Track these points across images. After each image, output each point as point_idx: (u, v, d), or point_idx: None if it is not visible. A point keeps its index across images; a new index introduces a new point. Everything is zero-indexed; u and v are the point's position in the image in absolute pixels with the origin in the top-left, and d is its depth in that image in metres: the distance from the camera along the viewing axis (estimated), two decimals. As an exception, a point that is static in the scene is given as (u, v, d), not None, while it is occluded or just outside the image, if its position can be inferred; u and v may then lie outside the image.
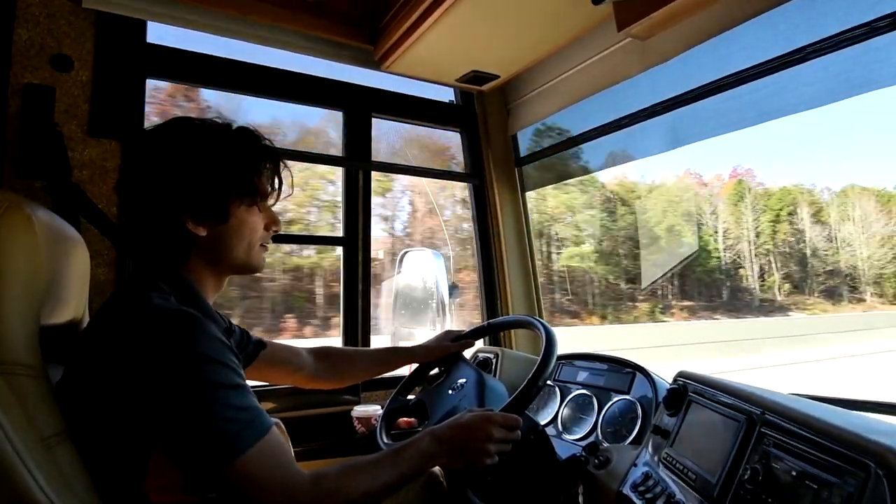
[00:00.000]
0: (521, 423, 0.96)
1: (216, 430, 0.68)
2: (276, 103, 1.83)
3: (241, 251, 0.89)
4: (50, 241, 0.78)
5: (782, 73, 1.34)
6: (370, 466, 0.82)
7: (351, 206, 1.89)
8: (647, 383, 1.28)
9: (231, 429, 0.69)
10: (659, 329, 22.15)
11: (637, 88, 1.68)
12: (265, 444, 0.72)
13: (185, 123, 0.86)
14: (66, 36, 1.40)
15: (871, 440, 0.61)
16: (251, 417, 0.72)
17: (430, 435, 0.89)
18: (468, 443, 0.89)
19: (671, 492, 0.88)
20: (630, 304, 25.22)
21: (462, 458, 0.89)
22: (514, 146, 2.17)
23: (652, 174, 32.77)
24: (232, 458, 0.68)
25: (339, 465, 0.80)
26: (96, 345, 0.73)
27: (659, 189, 28.62)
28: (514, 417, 0.95)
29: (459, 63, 1.80)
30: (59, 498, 0.61)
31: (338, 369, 1.27)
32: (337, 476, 0.78)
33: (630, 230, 23.43)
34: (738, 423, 0.82)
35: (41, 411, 0.68)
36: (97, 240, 1.37)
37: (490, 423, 0.91)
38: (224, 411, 0.69)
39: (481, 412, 0.95)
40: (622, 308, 25.02)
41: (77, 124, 1.41)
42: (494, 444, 0.90)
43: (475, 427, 0.90)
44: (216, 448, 0.68)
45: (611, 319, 24.01)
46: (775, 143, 33.12)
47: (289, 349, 1.23)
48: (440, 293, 1.85)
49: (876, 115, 32.41)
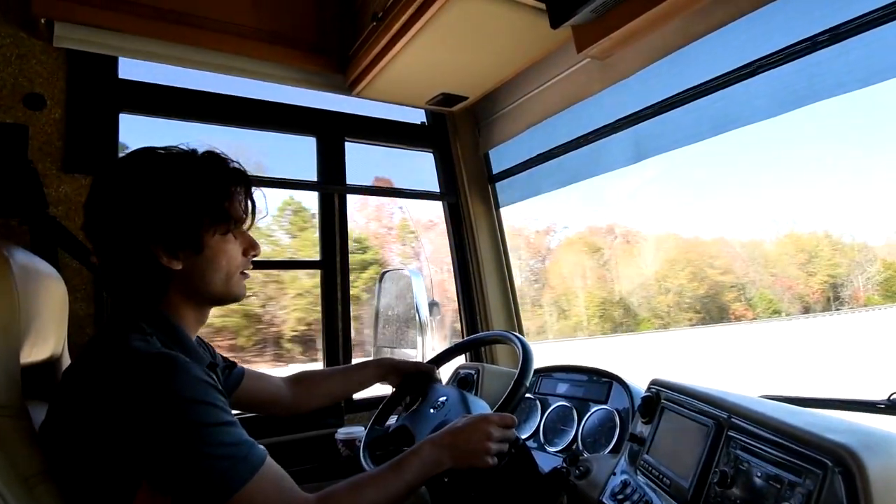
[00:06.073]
0: (516, 422, 0.98)
1: (208, 470, 0.68)
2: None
3: (219, 281, 0.87)
4: (26, 281, 0.78)
5: (735, 87, 1.40)
6: (374, 480, 0.82)
7: (328, 230, 1.90)
8: (624, 392, 1.31)
9: (224, 466, 0.69)
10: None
11: (602, 105, 1.73)
12: (263, 476, 0.71)
13: (148, 154, 0.84)
14: (38, 75, 1.41)
15: (827, 439, 0.64)
16: (244, 452, 0.71)
17: (429, 443, 0.90)
18: (468, 444, 0.90)
19: (648, 498, 0.91)
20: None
21: (464, 460, 0.89)
22: (487, 164, 2.22)
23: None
24: (229, 495, 0.68)
25: (344, 483, 0.80)
26: (78, 389, 0.72)
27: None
28: (509, 416, 0.96)
29: (428, 86, 1.84)
30: None
31: (313, 392, 1.26)
32: (344, 493, 0.78)
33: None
34: (708, 427, 0.85)
35: (22, 451, 0.68)
36: (75, 275, 1.37)
37: (487, 423, 0.93)
38: (214, 450, 0.69)
39: (475, 415, 0.96)
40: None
41: (51, 161, 1.41)
42: (494, 444, 0.91)
43: (472, 429, 0.91)
44: (211, 488, 0.68)
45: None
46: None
47: (265, 378, 1.22)
48: (420, 312, 1.86)
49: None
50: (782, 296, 14.06)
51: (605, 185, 35.85)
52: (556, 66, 1.76)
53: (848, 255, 12.81)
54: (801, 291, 13.46)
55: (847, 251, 12.79)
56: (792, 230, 21.22)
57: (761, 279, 15.10)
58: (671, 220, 32.73)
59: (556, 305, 15.69)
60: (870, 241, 14.11)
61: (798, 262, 13.99)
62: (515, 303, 2.17)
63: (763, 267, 15.30)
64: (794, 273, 13.88)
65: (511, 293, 2.16)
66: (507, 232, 2.20)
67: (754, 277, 15.20)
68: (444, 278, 2.25)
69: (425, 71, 1.71)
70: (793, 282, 13.82)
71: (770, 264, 14.89)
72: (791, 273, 13.95)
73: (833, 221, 25.02)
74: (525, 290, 12.78)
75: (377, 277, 2.03)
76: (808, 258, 13.26)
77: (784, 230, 19.37)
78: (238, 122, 1.80)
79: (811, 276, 13.20)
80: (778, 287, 14.31)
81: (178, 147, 0.86)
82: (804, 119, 18.87)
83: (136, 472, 0.69)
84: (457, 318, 2.20)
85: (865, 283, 12.54)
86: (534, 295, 14.84)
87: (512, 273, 2.18)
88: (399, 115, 2.15)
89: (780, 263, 14.42)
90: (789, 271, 14.05)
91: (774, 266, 14.65)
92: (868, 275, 12.59)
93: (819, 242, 12.96)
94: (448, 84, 1.82)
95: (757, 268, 15.33)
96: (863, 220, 23.27)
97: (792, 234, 15.53)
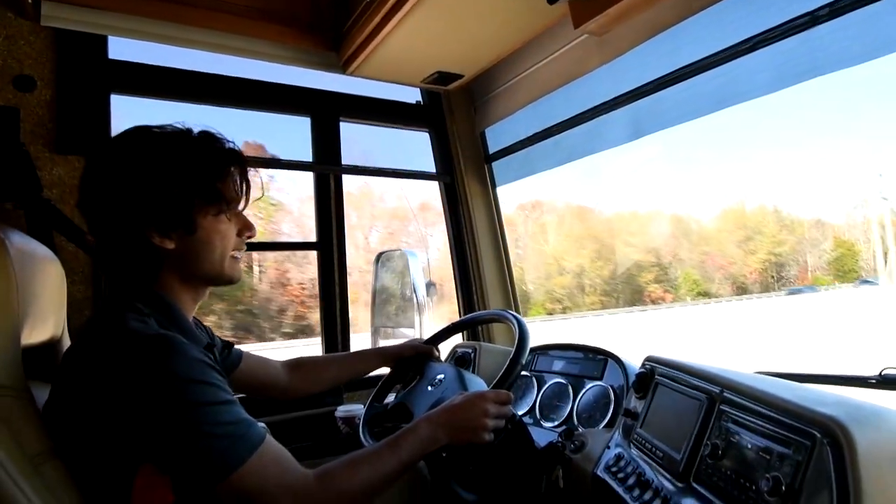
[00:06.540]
0: (512, 399, 0.99)
1: (207, 449, 0.68)
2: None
3: (213, 262, 0.86)
4: (23, 262, 0.78)
5: (735, 63, 1.39)
6: (371, 457, 0.83)
7: (323, 211, 1.90)
8: (619, 369, 1.33)
9: (223, 444, 0.69)
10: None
11: (600, 82, 1.72)
12: (263, 454, 0.72)
13: (142, 133, 0.83)
14: (27, 56, 1.39)
15: (816, 412, 0.65)
16: (243, 430, 0.72)
17: (426, 420, 0.91)
18: (466, 421, 0.91)
19: (641, 470, 0.93)
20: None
21: (461, 436, 0.91)
22: (483, 143, 2.21)
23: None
24: (228, 472, 0.69)
25: (342, 459, 0.81)
26: (79, 371, 0.73)
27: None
28: (504, 392, 0.98)
29: (423, 64, 1.82)
30: None
31: (310, 379, 1.27)
32: (342, 470, 0.79)
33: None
34: (700, 402, 0.86)
35: (26, 430, 0.69)
36: (72, 258, 1.37)
37: (483, 400, 0.94)
38: (213, 429, 0.69)
39: (472, 392, 0.98)
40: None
41: (43, 143, 1.40)
42: (491, 420, 0.93)
43: (469, 405, 0.93)
44: (211, 466, 0.68)
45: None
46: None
47: (263, 362, 1.22)
48: (417, 292, 1.87)
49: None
50: (713, 276, 13.33)
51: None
52: (553, 42, 1.74)
53: (797, 232, 12.22)
54: (735, 272, 12.72)
55: (796, 228, 12.19)
56: (738, 205, 19.97)
57: (691, 258, 14.29)
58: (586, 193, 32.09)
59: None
60: (826, 218, 13.45)
61: (737, 239, 13.20)
62: (512, 282, 2.18)
63: (695, 245, 14.48)
64: (731, 252, 13.12)
65: (508, 273, 2.17)
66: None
67: (684, 256, 14.37)
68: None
69: (420, 48, 1.69)
70: (727, 261, 13.05)
71: (704, 242, 14.05)
72: (728, 252, 13.19)
73: (785, 197, 24.38)
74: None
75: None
76: (747, 235, 12.50)
77: (728, 205, 18.37)
78: (231, 103, 1.78)
79: (751, 254, 12.55)
80: (709, 266, 13.57)
81: (173, 126, 0.85)
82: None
83: (137, 451, 0.70)
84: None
85: (815, 263, 11.99)
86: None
87: (508, 253, 2.18)
88: (394, 95, 2.13)
89: (716, 241, 13.60)
90: (727, 250, 13.29)
91: (709, 244, 13.84)
92: (817, 253, 12.02)
93: (765, 218, 12.21)
94: (443, 62, 1.80)
95: (689, 245, 14.52)
96: (821, 197, 22.79)
97: (735, 210, 14.66)
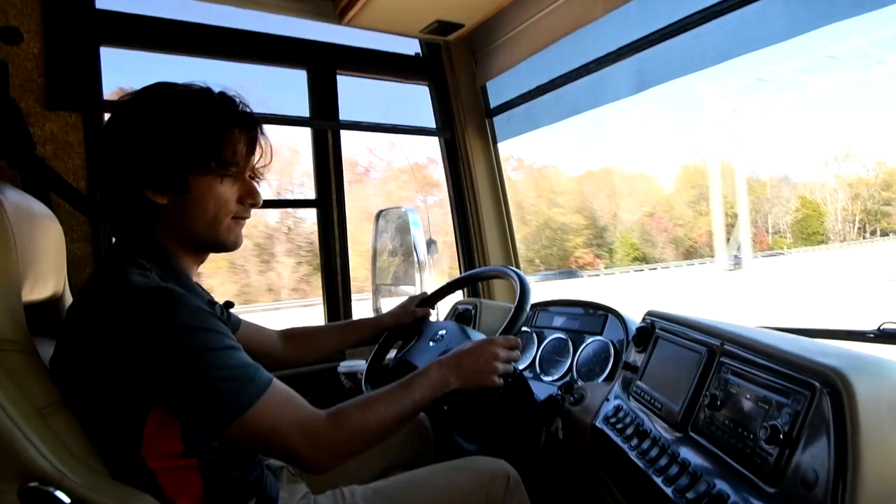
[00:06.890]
0: (520, 344, 1.01)
1: (216, 392, 0.69)
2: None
3: (204, 225, 0.83)
4: (20, 220, 0.78)
5: (746, 10, 1.35)
6: (384, 397, 0.84)
7: (322, 167, 1.87)
8: (619, 324, 1.34)
9: (231, 387, 0.70)
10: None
11: (604, 33, 1.67)
12: (272, 395, 0.74)
13: (154, 90, 0.82)
14: (11, 6, 1.34)
15: (816, 362, 0.65)
16: (251, 374, 0.73)
17: (438, 364, 0.93)
18: (477, 364, 0.93)
19: (640, 421, 0.94)
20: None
21: (472, 380, 0.93)
22: (484, 97, 2.16)
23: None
24: (237, 415, 0.70)
25: (354, 400, 0.83)
26: (83, 325, 0.73)
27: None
28: (513, 338, 1.00)
29: (422, 13, 1.76)
30: (62, 463, 0.63)
31: (305, 349, 1.28)
32: (354, 409, 0.81)
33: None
34: (700, 354, 0.87)
35: (32, 383, 0.69)
36: (70, 215, 1.36)
37: (493, 344, 0.96)
38: (220, 372, 0.70)
39: (481, 339, 0.99)
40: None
41: (34, 99, 1.37)
42: (501, 363, 0.95)
43: (480, 351, 0.95)
44: (220, 409, 0.70)
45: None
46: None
47: (259, 330, 1.23)
48: (418, 249, 1.87)
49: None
50: (655, 240, 12.44)
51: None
52: (556, -11, 1.68)
53: (756, 191, 11.48)
54: (680, 234, 11.89)
55: (756, 187, 11.45)
56: (690, 162, 18.35)
57: (632, 219, 13.21)
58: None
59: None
60: (792, 176, 12.43)
61: (688, 199, 12.29)
62: (513, 239, 2.17)
63: (639, 206, 13.28)
64: (681, 213, 12.21)
65: (508, 229, 2.16)
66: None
67: (624, 217, 13.28)
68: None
69: (419, -5, 1.63)
70: (671, 223, 12.10)
71: (648, 202, 12.88)
72: (678, 213, 12.24)
73: (747, 155, 23.29)
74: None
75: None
76: (699, 195, 11.59)
77: (679, 162, 16.70)
78: (224, 55, 1.73)
79: (702, 216, 11.75)
80: (653, 229, 12.64)
81: (193, 85, 0.83)
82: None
83: (146, 399, 0.71)
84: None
85: (775, 224, 11.26)
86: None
87: (509, 209, 2.17)
88: (393, 47, 2.07)
89: (666, 201, 12.48)
90: (676, 211, 12.31)
91: (656, 204, 12.69)
92: (779, 214, 11.28)
93: (722, 175, 11.23)
94: (443, 10, 1.74)
95: (630, 206, 13.35)
96: (790, 154, 21.63)
97: (686, 166, 13.26)
